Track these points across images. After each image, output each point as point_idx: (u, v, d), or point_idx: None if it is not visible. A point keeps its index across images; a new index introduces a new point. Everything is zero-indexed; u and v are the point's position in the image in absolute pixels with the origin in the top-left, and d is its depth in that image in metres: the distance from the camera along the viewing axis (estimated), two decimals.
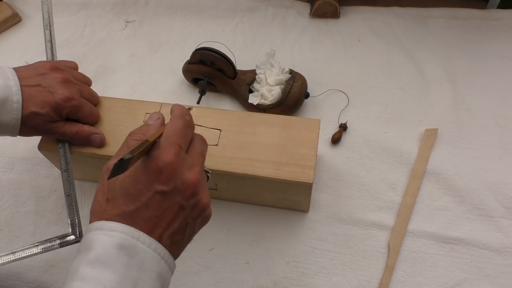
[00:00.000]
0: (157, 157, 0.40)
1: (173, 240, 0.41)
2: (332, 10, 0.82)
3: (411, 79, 0.75)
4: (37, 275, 0.62)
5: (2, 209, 0.67)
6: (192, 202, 0.41)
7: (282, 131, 0.58)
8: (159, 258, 0.39)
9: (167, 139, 0.41)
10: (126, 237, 0.38)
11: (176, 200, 0.40)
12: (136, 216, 0.39)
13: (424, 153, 0.67)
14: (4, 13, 0.86)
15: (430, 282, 0.58)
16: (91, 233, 0.39)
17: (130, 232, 0.38)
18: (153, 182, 0.39)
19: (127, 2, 0.89)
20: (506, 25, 0.80)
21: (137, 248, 0.38)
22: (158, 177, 0.39)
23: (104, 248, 0.37)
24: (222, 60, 0.70)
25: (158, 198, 0.39)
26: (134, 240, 0.38)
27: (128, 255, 0.37)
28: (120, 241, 0.37)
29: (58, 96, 0.54)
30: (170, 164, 0.40)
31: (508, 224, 0.61)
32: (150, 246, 0.38)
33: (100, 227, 0.38)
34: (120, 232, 0.38)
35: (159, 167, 0.39)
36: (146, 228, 0.39)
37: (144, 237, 0.38)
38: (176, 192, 0.40)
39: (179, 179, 0.40)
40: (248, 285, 0.60)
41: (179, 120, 0.44)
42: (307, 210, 0.64)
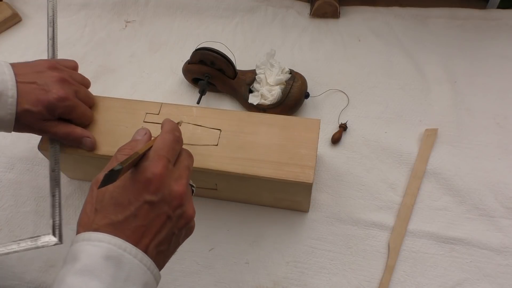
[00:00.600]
0: (147, 169, 0.41)
1: (159, 250, 0.42)
2: (332, 10, 0.82)
3: (411, 79, 0.75)
4: (37, 275, 0.62)
5: (2, 209, 0.67)
6: (178, 212, 0.43)
7: (282, 131, 0.58)
8: (145, 268, 0.39)
9: (156, 152, 0.43)
10: (113, 248, 0.38)
11: (164, 210, 0.41)
12: (124, 225, 0.40)
13: (424, 153, 0.67)
14: (4, 13, 0.86)
15: (430, 282, 0.58)
16: (78, 244, 0.39)
17: (117, 243, 0.39)
18: (142, 192, 0.41)
19: (127, 2, 0.89)
20: (506, 25, 0.80)
21: (123, 259, 0.38)
22: (147, 187, 0.41)
23: (91, 259, 0.38)
24: (222, 60, 0.70)
25: (147, 208, 0.41)
26: (121, 251, 0.38)
27: (115, 266, 0.38)
28: (107, 252, 0.38)
29: (52, 95, 0.53)
30: (159, 175, 0.41)
31: (508, 224, 0.61)
32: (137, 257, 0.39)
33: (87, 238, 0.39)
34: (107, 243, 0.38)
35: (148, 178, 0.41)
36: (134, 238, 0.40)
37: (131, 248, 0.39)
38: (164, 202, 0.41)
39: (167, 190, 0.42)
40: (248, 285, 0.60)
41: (169, 134, 0.46)
42: (307, 210, 0.64)
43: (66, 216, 0.66)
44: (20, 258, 0.63)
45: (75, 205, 0.67)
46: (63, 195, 0.68)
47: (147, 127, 0.59)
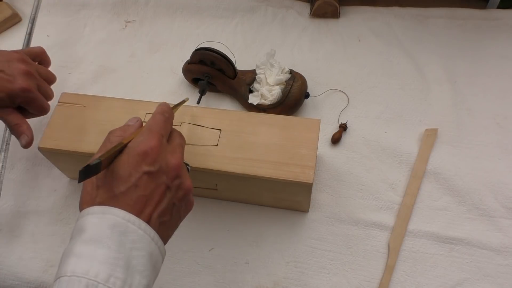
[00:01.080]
0: (143, 142, 0.43)
1: (162, 221, 0.43)
2: (332, 10, 0.82)
3: (411, 79, 0.75)
4: (37, 275, 0.62)
5: (2, 209, 0.67)
6: (176, 183, 0.45)
7: (282, 131, 0.58)
8: (149, 239, 0.41)
9: (150, 129, 0.45)
10: (117, 219, 0.40)
11: (162, 180, 0.43)
12: (127, 196, 0.41)
13: (424, 153, 0.67)
14: (4, 13, 0.86)
15: (430, 282, 0.58)
16: (83, 218, 0.40)
17: (121, 214, 0.40)
18: (140, 164, 0.42)
19: (127, 2, 0.89)
20: (506, 25, 0.80)
21: (128, 229, 0.40)
22: (145, 159, 0.42)
23: (97, 228, 0.39)
24: (222, 60, 0.70)
25: (146, 178, 0.42)
26: (125, 221, 0.40)
27: (121, 235, 0.39)
28: (113, 222, 0.39)
29: (16, 86, 0.59)
30: (155, 147, 0.43)
31: (508, 224, 0.61)
32: (140, 227, 0.40)
33: (92, 212, 0.41)
34: (112, 214, 0.40)
35: (144, 150, 0.43)
36: (137, 208, 0.41)
37: (135, 219, 0.40)
38: (162, 173, 0.43)
39: (163, 161, 0.44)
40: (248, 285, 0.60)
41: (159, 115, 0.48)
42: (307, 210, 0.64)
43: (66, 216, 0.66)
44: (20, 258, 0.63)
45: (75, 205, 0.67)
46: (63, 195, 0.68)
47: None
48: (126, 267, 0.38)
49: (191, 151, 0.57)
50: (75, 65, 0.82)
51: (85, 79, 0.79)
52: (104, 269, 0.37)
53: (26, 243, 0.64)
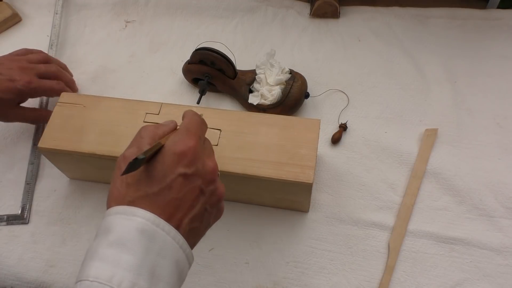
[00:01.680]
0: (180, 142, 0.42)
1: (192, 227, 0.42)
2: (332, 10, 0.82)
3: (411, 79, 0.75)
4: (37, 275, 0.62)
5: (2, 209, 0.67)
6: (211, 188, 0.43)
7: (282, 131, 0.58)
8: (177, 246, 0.40)
9: (187, 129, 0.44)
10: (146, 223, 0.38)
11: (197, 184, 0.42)
12: (159, 197, 0.40)
13: (424, 153, 0.67)
14: (4, 13, 0.86)
15: (430, 282, 0.58)
16: (110, 217, 0.39)
17: (151, 218, 0.39)
18: (176, 165, 0.41)
19: (127, 2, 0.89)
20: (506, 25, 0.80)
21: (157, 234, 0.38)
22: (181, 160, 0.41)
23: (124, 230, 0.38)
24: (222, 60, 0.70)
25: (181, 180, 0.41)
26: (155, 226, 0.38)
27: (148, 240, 0.38)
28: (141, 226, 0.38)
29: (19, 83, 0.62)
30: (193, 148, 0.42)
31: (508, 224, 0.61)
32: (170, 234, 0.39)
33: (122, 211, 0.39)
34: (141, 217, 0.38)
35: (182, 150, 0.41)
36: (168, 211, 0.40)
37: (164, 224, 0.39)
38: (197, 176, 0.42)
39: (201, 164, 0.42)
40: (248, 285, 0.60)
41: (195, 116, 0.47)
42: (307, 210, 0.64)
43: (66, 216, 0.66)
44: (20, 258, 0.63)
45: (75, 205, 0.67)
46: (63, 195, 0.68)
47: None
48: (150, 275, 0.37)
49: None
50: (75, 65, 0.81)
51: (85, 79, 0.79)
52: (128, 277, 0.36)
53: (26, 243, 0.64)
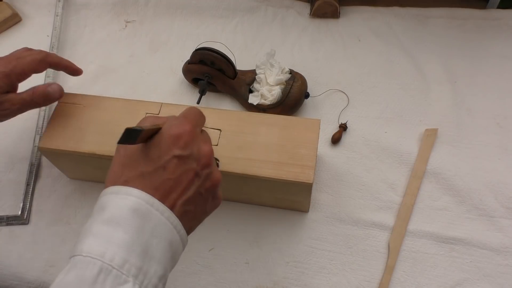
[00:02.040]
0: (177, 125, 0.43)
1: (186, 210, 0.42)
2: (332, 10, 0.82)
3: (411, 79, 0.75)
4: (37, 275, 0.62)
5: (2, 209, 0.67)
6: (206, 172, 0.43)
7: (282, 131, 0.58)
8: (171, 227, 0.40)
9: (185, 115, 0.45)
10: (141, 202, 0.39)
11: (192, 166, 0.42)
12: (153, 176, 0.40)
13: (424, 153, 0.67)
14: (4, 13, 0.86)
15: (430, 282, 0.58)
16: (106, 196, 0.40)
17: (145, 198, 0.39)
18: (171, 147, 0.41)
19: (127, 2, 0.89)
20: (506, 25, 0.80)
21: (150, 214, 0.39)
22: (177, 142, 0.42)
23: (118, 209, 0.38)
24: (222, 60, 0.70)
25: (176, 162, 0.41)
26: (149, 206, 0.39)
27: (142, 219, 0.38)
28: (135, 205, 0.39)
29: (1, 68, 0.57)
30: (189, 131, 0.42)
31: (508, 224, 0.61)
32: (164, 214, 0.39)
33: (116, 191, 0.40)
34: (136, 197, 0.39)
35: (178, 133, 0.42)
36: (162, 191, 0.40)
37: (158, 204, 0.39)
38: (192, 159, 0.42)
39: (196, 147, 0.43)
40: (248, 285, 0.60)
41: (194, 108, 0.48)
42: (307, 210, 0.64)
43: (66, 216, 0.66)
44: (20, 258, 0.63)
45: (75, 205, 0.67)
46: (63, 195, 0.68)
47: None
48: (143, 254, 0.37)
49: None
50: None
51: (85, 79, 0.79)
52: (120, 254, 0.36)
53: (26, 243, 0.64)
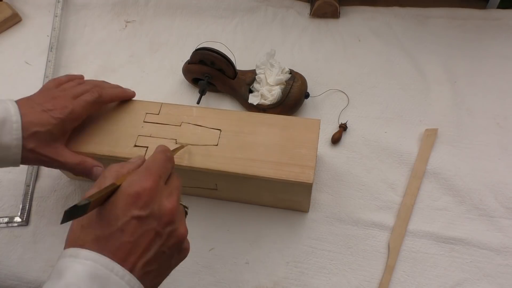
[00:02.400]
0: (136, 183, 0.40)
1: (147, 270, 0.40)
2: (332, 10, 0.82)
3: (411, 79, 0.75)
4: (37, 275, 0.62)
5: (2, 209, 0.67)
6: (168, 230, 0.41)
7: (282, 131, 0.58)
8: None
9: (147, 168, 0.42)
10: (99, 267, 0.37)
11: (152, 226, 0.40)
12: (110, 241, 0.38)
13: (424, 153, 0.67)
14: (4, 13, 0.86)
15: (430, 282, 0.58)
16: (64, 259, 0.38)
17: (104, 262, 0.37)
18: (130, 207, 0.39)
19: (127, 2, 0.89)
20: (506, 25, 0.80)
21: (110, 279, 0.37)
22: (136, 202, 0.39)
23: (76, 277, 0.36)
24: (222, 60, 0.70)
25: (134, 224, 0.39)
26: (108, 271, 0.37)
27: (100, 285, 0.36)
28: (93, 271, 0.37)
29: (52, 113, 0.54)
30: (148, 189, 0.40)
31: (508, 224, 0.61)
32: (124, 278, 0.37)
33: (75, 254, 0.38)
34: (94, 261, 0.37)
35: (137, 191, 0.39)
36: (120, 255, 0.38)
37: (118, 268, 0.37)
38: (153, 218, 0.40)
39: (157, 205, 0.40)
40: (248, 285, 0.60)
41: (160, 154, 0.45)
42: (307, 210, 0.64)
43: None
44: (20, 258, 0.63)
45: None
46: (63, 195, 0.68)
47: (147, 127, 0.59)
48: None
49: (191, 151, 0.57)
50: (75, 65, 0.82)
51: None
52: None
53: (26, 243, 0.64)
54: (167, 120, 0.60)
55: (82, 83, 0.60)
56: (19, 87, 0.79)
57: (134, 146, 0.58)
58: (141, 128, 0.59)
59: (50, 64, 0.80)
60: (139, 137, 0.58)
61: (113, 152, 0.57)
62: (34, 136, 0.52)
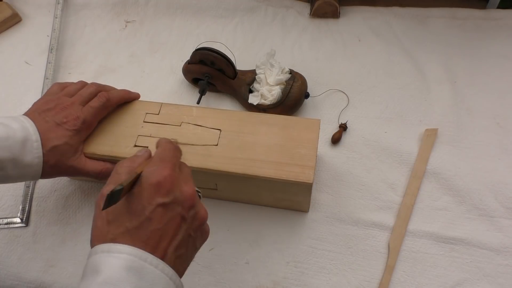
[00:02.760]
0: (155, 173, 0.42)
1: (178, 255, 0.41)
2: (332, 10, 0.82)
3: (411, 79, 0.75)
4: (37, 275, 0.62)
5: (2, 209, 0.67)
6: (192, 213, 0.43)
7: (282, 131, 0.58)
8: (167, 279, 0.39)
9: (161, 158, 0.44)
10: (134, 259, 0.38)
11: (178, 211, 0.42)
12: (140, 231, 0.40)
13: (424, 153, 0.67)
14: (4, 13, 0.86)
15: (430, 282, 0.58)
16: (96, 255, 0.39)
17: (137, 254, 0.38)
18: (153, 196, 0.41)
19: (127, 2, 0.89)
20: (506, 25, 0.80)
21: (145, 269, 0.38)
22: (158, 190, 0.41)
23: (112, 270, 0.37)
24: (222, 60, 0.70)
25: (160, 211, 0.40)
26: (142, 261, 0.38)
27: (137, 278, 0.37)
28: (129, 263, 0.38)
29: (66, 126, 0.55)
30: (168, 177, 0.42)
31: (508, 224, 0.61)
32: (158, 267, 0.39)
33: (107, 250, 0.39)
34: (128, 254, 0.38)
35: (158, 181, 0.41)
36: (151, 243, 0.40)
37: (152, 258, 0.39)
38: (176, 204, 0.42)
39: (178, 191, 0.42)
40: (248, 285, 0.60)
41: (168, 144, 0.47)
42: (307, 210, 0.64)
43: (65, 216, 0.66)
44: (20, 258, 0.63)
45: (75, 205, 0.67)
46: (63, 195, 0.68)
47: (147, 127, 0.59)
48: None
49: (191, 151, 0.57)
50: (75, 65, 0.82)
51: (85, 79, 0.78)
52: None
53: (26, 243, 0.64)
54: (167, 120, 0.60)
55: (85, 85, 0.61)
56: (19, 87, 0.80)
57: (134, 146, 0.58)
58: (141, 128, 0.59)
59: (50, 66, 0.80)
60: (139, 137, 0.58)
61: (113, 152, 0.57)
62: (53, 151, 0.53)
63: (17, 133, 0.51)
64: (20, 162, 0.51)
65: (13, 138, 0.51)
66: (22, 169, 0.52)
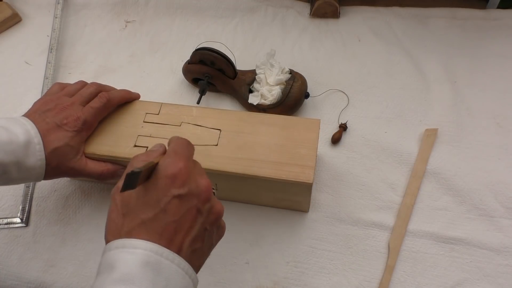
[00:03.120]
0: (170, 165, 0.41)
1: (193, 249, 0.41)
2: (332, 10, 0.82)
3: (411, 79, 0.75)
4: (37, 275, 0.62)
5: (2, 209, 0.67)
6: (207, 206, 0.42)
7: (282, 131, 0.58)
8: (183, 273, 0.39)
9: (175, 152, 0.43)
10: (150, 254, 0.38)
11: (193, 204, 0.41)
12: (155, 223, 0.39)
13: (424, 153, 0.67)
14: (4, 13, 0.86)
15: (430, 282, 0.58)
16: (111, 252, 0.38)
17: (153, 248, 0.38)
18: (169, 187, 0.40)
19: (127, 2, 0.89)
20: (506, 25, 0.80)
21: (161, 265, 0.38)
22: (174, 181, 0.40)
23: (128, 266, 0.37)
24: (222, 60, 0.70)
25: (176, 202, 0.40)
26: (158, 256, 0.38)
27: (153, 273, 0.37)
28: (145, 258, 0.37)
29: (66, 127, 0.55)
30: (184, 169, 0.41)
31: (508, 224, 0.61)
32: (174, 262, 0.38)
33: (122, 245, 0.38)
34: (143, 249, 0.38)
35: (173, 173, 0.41)
36: (167, 235, 0.39)
37: (168, 252, 0.38)
38: (192, 196, 0.41)
39: (193, 184, 0.41)
40: (248, 285, 0.60)
41: (182, 139, 0.46)
42: (307, 210, 0.64)
43: (65, 216, 0.66)
44: (20, 258, 0.63)
45: (75, 205, 0.67)
46: (63, 195, 0.68)
47: (147, 127, 0.59)
48: None
49: None
50: (75, 65, 0.82)
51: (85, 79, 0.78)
52: None
53: (26, 243, 0.64)
54: (167, 120, 0.60)
55: (85, 85, 0.61)
56: (19, 87, 0.80)
57: (134, 146, 0.58)
58: (141, 128, 0.59)
59: (50, 66, 0.80)
60: (139, 137, 0.58)
61: (113, 152, 0.58)
62: (55, 153, 0.53)
63: (19, 136, 0.51)
64: (24, 165, 0.52)
65: (16, 142, 0.51)
66: (25, 172, 0.52)
